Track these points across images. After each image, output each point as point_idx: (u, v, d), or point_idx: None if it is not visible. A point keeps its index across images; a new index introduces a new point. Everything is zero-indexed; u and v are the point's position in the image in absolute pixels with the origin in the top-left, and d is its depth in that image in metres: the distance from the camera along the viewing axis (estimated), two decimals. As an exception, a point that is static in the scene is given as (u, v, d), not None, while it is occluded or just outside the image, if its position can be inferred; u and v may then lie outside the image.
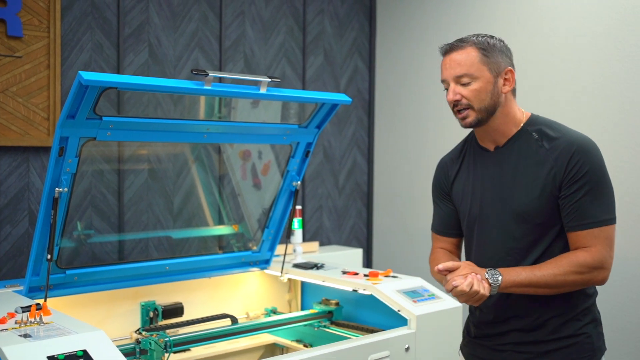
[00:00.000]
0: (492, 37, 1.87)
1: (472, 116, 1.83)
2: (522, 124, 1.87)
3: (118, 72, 3.16)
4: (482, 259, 1.91)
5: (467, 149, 2.01)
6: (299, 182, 2.88)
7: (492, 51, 1.82)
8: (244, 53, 3.64)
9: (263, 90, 2.37)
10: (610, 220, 1.77)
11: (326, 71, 4.06)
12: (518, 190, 1.82)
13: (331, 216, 4.14)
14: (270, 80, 2.36)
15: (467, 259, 2.01)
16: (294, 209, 2.95)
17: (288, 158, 2.86)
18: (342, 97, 2.63)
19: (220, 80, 3.29)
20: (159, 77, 3.30)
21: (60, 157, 2.15)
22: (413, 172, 4.05)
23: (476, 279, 1.72)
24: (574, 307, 1.84)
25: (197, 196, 3.38)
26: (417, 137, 4.03)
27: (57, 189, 2.18)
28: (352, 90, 4.19)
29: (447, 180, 2.03)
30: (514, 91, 1.89)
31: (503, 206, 1.85)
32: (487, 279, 1.75)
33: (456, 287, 1.71)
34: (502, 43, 1.87)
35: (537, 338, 1.85)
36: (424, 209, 3.93)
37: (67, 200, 2.25)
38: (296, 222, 3.11)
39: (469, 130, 2.02)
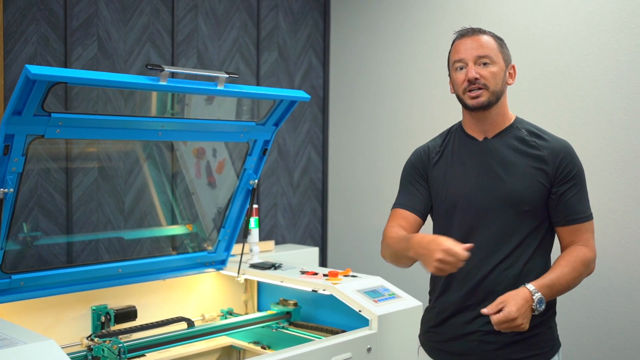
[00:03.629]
0: None
1: (485, 96, 1.88)
2: (512, 121, 1.96)
3: (65, 67, 3.03)
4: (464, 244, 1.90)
5: (451, 139, 2.03)
6: (256, 181, 2.82)
7: (504, 44, 1.95)
8: (197, 48, 3.55)
9: (220, 87, 2.30)
10: (592, 215, 1.92)
11: (280, 67, 3.99)
12: (510, 178, 1.87)
13: (286, 214, 4.08)
14: (228, 76, 2.29)
15: None
16: (251, 208, 2.89)
17: (245, 156, 2.79)
18: (300, 94, 2.58)
19: (173, 75, 3.20)
20: (108, 72, 3.18)
21: (5, 155, 2.03)
22: (367, 169, 4.03)
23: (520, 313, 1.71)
24: None
25: (149, 195, 3.28)
26: (371, 134, 4.01)
27: (2, 189, 2.07)
28: (306, 87, 4.14)
29: (427, 165, 2.03)
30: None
31: (493, 193, 1.88)
32: (533, 306, 1.75)
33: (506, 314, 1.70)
34: None
35: None
36: (379, 207, 3.91)
37: (12, 201, 2.13)
38: (253, 222, 3.05)
39: (425, 127, 2.08)
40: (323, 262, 4.29)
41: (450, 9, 3.56)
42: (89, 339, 2.38)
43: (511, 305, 1.68)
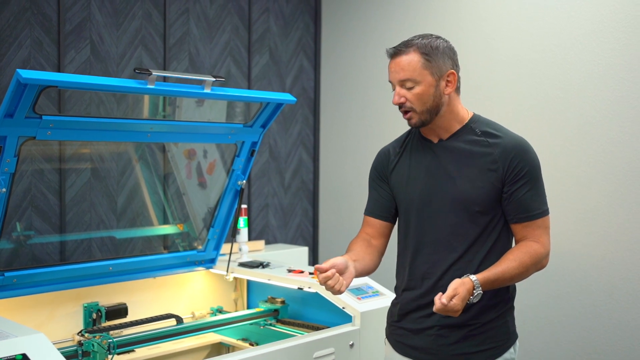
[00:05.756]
0: (437, 38, 1.93)
1: (415, 118, 1.92)
2: (465, 121, 1.97)
3: (59, 70, 3.09)
4: (420, 245, 1.98)
5: (410, 140, 2.07)
6: (244, 181, 2.89)
7: (435, 55, 1.89)
8: (189, 51, 3.62)
9: (207, 90, 2.36)
10: (547, 210, 1.94)
11: (272, 70, 4.06)
12: (461, 179, 1.91)
13: (277, 214, 4.15)
14: (214, 79, 2.35)
15: (402, 243, 2.06)
16: (239, 208, 2.95)
17: (233, 157, 2.85)
18: (286, 97, 2.65)
19: (165, 79, 3.27)
20: (101, 75, 3.24)
21: (-3, 156, 2.10)
22: (358, 170, 4.10)
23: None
24: (497, 294, 1.93)
25: (141, 195, 3.34)
26: (361, 135, 4.08)
27: (-6, 189, 2.13)
28: (297, 89, 4.21)
29: (387, 167, 2.09)
30: (457, 90, 1.97)
31: (444, 194, 1.93)
32: (472, 294, 1.80)
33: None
34: (446, 44, 1.93)
35: (459, 322, 1.91)
36: (369, 207, 3.98)
37: (5, 201, 2.20)
38: (242, 221, 3.11)
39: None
40: (314, 262, 4.35)
41: (439, 12, 3.63)
42: (80, 334, 2.45)
43: (459, 299, 1.75)
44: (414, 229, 2.00)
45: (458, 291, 1.76)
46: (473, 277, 1.80)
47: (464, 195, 1.90)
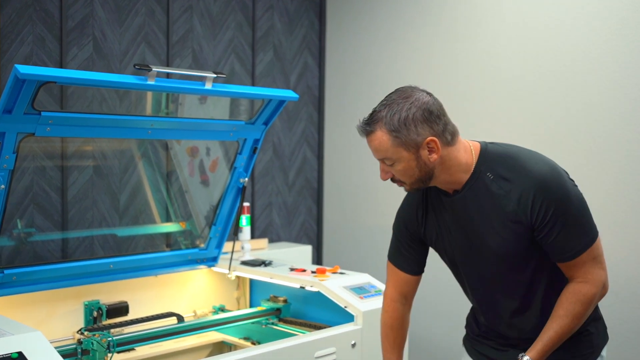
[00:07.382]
0: (405, 100, 1.73)
1: (408, 187, 1.80)
2: (473, 167, 1.78)
3: (61, 67, 3.08)
4: (475, 292, 1.93)
5: (429, 191, 1.91)
6: (247, 179, 2.86)
7: (403, 129, 1.69)
8: (192, 48, 3.60)
9: (208, 86, 2.35)
10: (592, 239, 1.75)
11: (276, 67, 4.04)
12: (487, 234, 1.78)
13: (281, 213, 4.12)
14: (215, 76, 2.33)
15: (459, 282, 2.00)
16: (241, 206, 2.93)
17: (235, 155, 2.83)
18: (289, 94, 2.62)
19: (168, 75, 3.26)
20: (104, 71, 3.23)
21: (-4, 153, 2.08)
22: (363, 168, 4.07)
23: None
24: None
25: (144, 193, 3.32)
26: (366, 134, 4.05)
27: (-7, 186, 2.12)
28: (302, 87, 4.19)
29: (418, 227, 1.95)
30: (450, 141, 1.74)
31: (477, 250, 1.82)
32: None
33: None
34: (417, 106, 1.70)
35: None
36: (374, 206, 3.95)
37: (4, 198, 2.19)
38: (244, 219, 3.09)
39: None
40: (318, 261, 4.33)
41: (445, 9, 3.60)
42: (80, 332, 2.43)
43: None
44: (467, 280, 1.93)
45: None
46: (526, 358, 1.73)
47: (495, 250, 1.78)
